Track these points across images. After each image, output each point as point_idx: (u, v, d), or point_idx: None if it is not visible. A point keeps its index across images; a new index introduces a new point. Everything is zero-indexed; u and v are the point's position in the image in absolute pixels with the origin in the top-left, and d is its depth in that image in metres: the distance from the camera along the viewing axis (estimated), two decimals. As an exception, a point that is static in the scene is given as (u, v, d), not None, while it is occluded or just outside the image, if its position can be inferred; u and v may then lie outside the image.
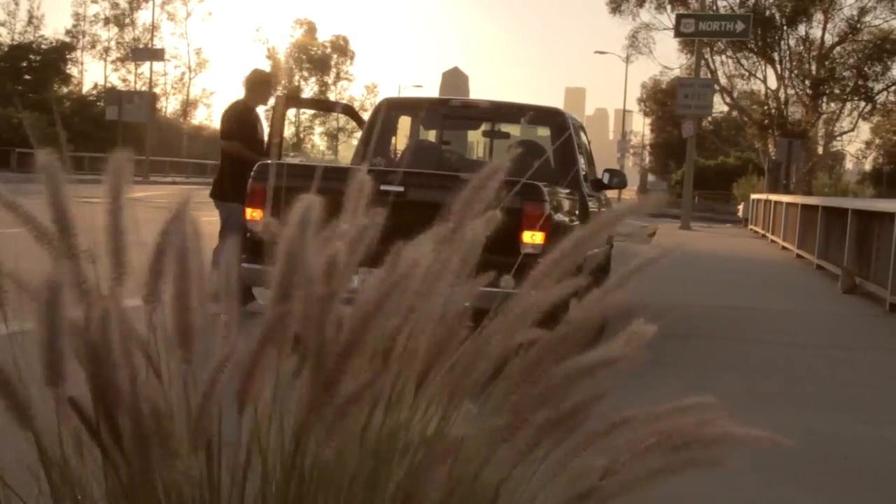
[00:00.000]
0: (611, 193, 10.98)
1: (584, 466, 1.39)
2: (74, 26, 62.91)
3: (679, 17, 30.95)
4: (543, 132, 8.83)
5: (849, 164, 71.57)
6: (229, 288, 1.42)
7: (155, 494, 1.34)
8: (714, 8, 41.37)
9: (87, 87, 61.02)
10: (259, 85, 8.31)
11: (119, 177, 1.39)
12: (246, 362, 1.32)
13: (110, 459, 1.34)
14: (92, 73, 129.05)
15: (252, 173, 6.10)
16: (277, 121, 8.73)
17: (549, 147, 8.05)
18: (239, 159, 7.53)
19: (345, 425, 1.33)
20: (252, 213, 5.95)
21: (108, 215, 1.38)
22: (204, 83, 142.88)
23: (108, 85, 59.98)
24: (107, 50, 63.94)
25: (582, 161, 8.01)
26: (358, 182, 1.58)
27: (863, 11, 44.59)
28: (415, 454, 1.44)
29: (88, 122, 46.31)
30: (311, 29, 73.75)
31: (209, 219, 7.18)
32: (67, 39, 60.37)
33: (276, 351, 1.36)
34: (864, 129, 54.09)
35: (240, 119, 8.04)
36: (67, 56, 58.88)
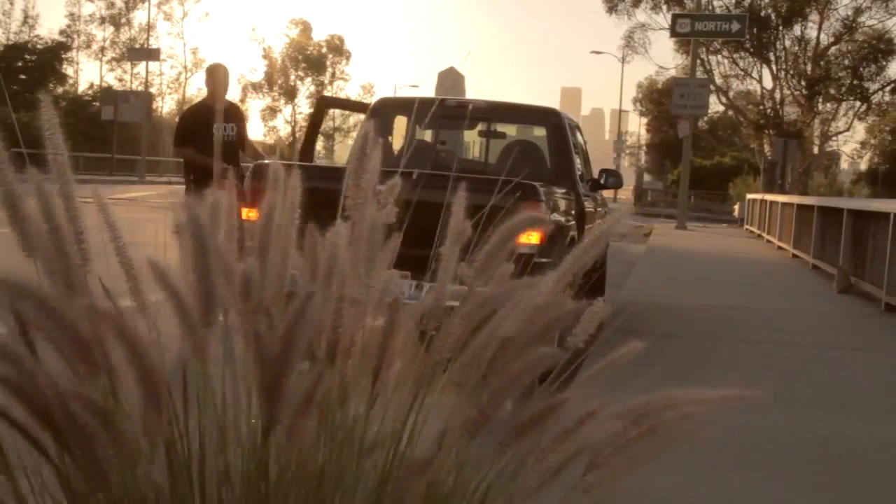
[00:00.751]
0: (607, 193, 11.00)
1: (565, 460, 1.40)
2: (69, 26, 62.84)
3: (675, 17, 30.95)
4: (539, 132, 8.84)
5: (844, 164, 71.65)
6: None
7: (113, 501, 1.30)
8: (710, 8, 41.37)
9: (82, 87, 60.97)
10: (207, 80, 7.86)
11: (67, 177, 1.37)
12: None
13: (54, 465, 1.31)
14: (88, 73, 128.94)
15: (249, 173, 6.09)
16: (312, 123, 8.58)
17: (545, 147, 8.06)
18: (194, 165, 7.20)
19: (303, 425, 1.33)
20: (248, 213, 5.95)
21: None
22: (200, 83, 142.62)
23: (104, 85, 59.91)
24: (102, 50, 63.85)
25: (578, 161, 8.02)
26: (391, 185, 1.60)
27: (858, 11, 44.65)
28: (386, 451, 1.44)
29: (84, 122, 46.27)
30: (306, 29, 73.67)
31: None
32: (63, 39, 60.27)
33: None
34: (860, 130, 54.15)
35: (185, 121, 7.70)
36: (63, 56, 58.77)
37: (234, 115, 7.68)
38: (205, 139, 7.04)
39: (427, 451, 1.36)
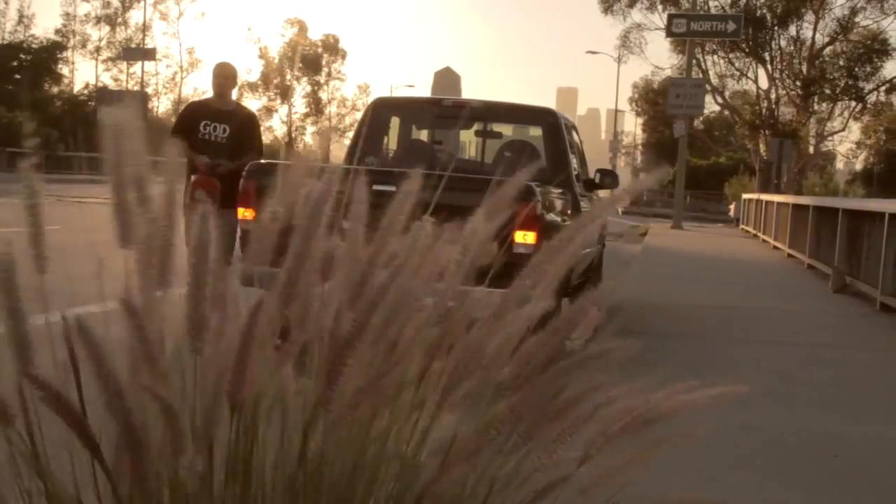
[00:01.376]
0: (603, 193, 11.01)
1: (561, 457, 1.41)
2: (65, 25, 62.75)
3: (671, 18, 30.99)
4: (535, 132, 8.84)
5: (840, 164, 71.78)
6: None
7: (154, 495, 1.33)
8: (705, 8, 41.43)
9: (78, 87, 60.91)
10: (213, 78, 7.64)
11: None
12: (234, 361, 1.32)
13: (102, 464, 1.33)
14: (83, 73, 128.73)
15: (244, 172, 6.08)
16: (362, 126, 8.48)
17: (541, 147, 8.07)
18: (191, 163, 7.06)
19: (352, 420, 1.34)
20: (244, 213, 5.95)
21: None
22: (196, 83, 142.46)
23: (100, 84, 59.87)
24: (98, 49, 63.79)
25: (574, 161, 8.03)
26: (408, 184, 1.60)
27: (853, 12, 44.73)
28: (412, 454, 1.45)
29: (80, 122, 46.20)
30: (302, 28, 73.65)
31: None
32: (58, 39, 60.19)
33: (266, 349, 1.36)
34: (855, 130, 54.28)
35: (183, 115, 7.65)
36: (58, 55, 58.69)
37: (238, 119, 7.42)
38: (191, 136, 7.00)
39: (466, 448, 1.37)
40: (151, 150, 1.45)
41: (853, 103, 46.67)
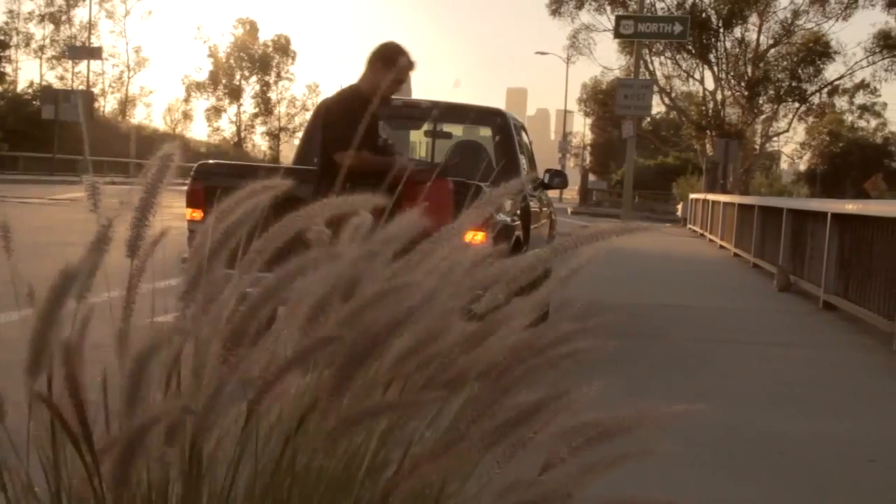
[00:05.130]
0: (552, 193, 11.06)
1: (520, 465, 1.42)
2: (7, 23, 61.70)
3: (618, 19, 31.24)
4: (485, 132, 8.86)
5: (784, 165, 72.87)
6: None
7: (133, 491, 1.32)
8: (652, 10, 41.83)
9: (22, 86, 59.88)
10: (385, 62, 5.77)
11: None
12: (266, 379, 1.31)
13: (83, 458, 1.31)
14: (27, 72, 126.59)
15: (192, 173, 6.03)
16: (311, 126, 8.33)
17: (490, 147, 8.09)
18: (366, 172, 4.95)
19: (350, 435, 1.34)
20: (192, 214, 5.90)
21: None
22: (143, 82, 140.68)
23: (44, 83, 58.89)
24: (42, 48, 62.77)
25: (523, 161, 8.06)
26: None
27: (796, 14, 45.48)
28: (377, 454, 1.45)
29: (23, 121, 45.37)
30: (252, 28, 73.11)
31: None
32: (0, 37, 59.13)
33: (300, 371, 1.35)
34: (800, 131, 55.19)
35: (355, 116, 5.72)
36: (1, 54, 57.67)
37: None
38: (370, 142, 5.66)
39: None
40: (95, 150, 1.44)
41: (797, 104, 47.44)
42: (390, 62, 5.74)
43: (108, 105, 66.73)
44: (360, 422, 1.32)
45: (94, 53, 49.63)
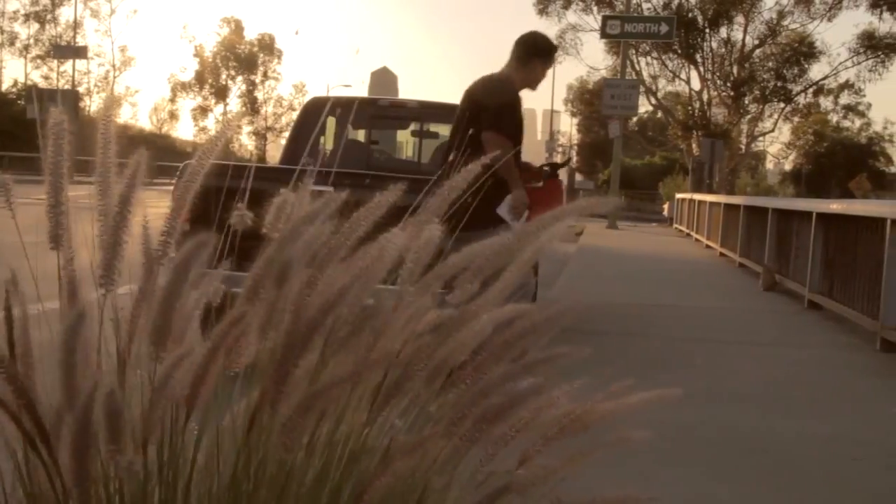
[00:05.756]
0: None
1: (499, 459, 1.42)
2: (-9, 23, 61.38)
3: (605, 19, 31.28)
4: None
5: (769, 164, 73.13)
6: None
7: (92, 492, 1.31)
8: (639, 10, 41.92)
9: (6, 85, 59.58)
10: (539, 55, 5.34)
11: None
12: (198, 366, 1.31)
13: (41, 458, 1.31)
14: (12, 71, 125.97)
15: (178, 172, 6.01)
16: (298, 126, 8.27)
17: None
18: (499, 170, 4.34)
19: (304, 423, 1.34)
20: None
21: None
22: (129, 81, 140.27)
23: (29, 82, 58.61)
24: (27, 47, 62.47)
25: (509, 161, 8.06)
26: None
27: (781, 15, 45.66)
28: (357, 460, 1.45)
29: (8, 121, 45.16)
30: (238, 27, 72.92)
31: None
32: (-16, 36, 58.86)
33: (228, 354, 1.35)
34: (786, 131, 55.43)
35: (516, 109, 5.22)
36: (-15, 53, 57.43)
37: None
38: (518, 140, 5.23)
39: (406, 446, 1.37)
40: (80, 149, 1.44)
41: (783, 104, 47.65)
42: (547, 56, 5.42)
43: (93, 105, 66.50)
44: (312, 406, 1.31)
45: (80, 53, 49.39)
